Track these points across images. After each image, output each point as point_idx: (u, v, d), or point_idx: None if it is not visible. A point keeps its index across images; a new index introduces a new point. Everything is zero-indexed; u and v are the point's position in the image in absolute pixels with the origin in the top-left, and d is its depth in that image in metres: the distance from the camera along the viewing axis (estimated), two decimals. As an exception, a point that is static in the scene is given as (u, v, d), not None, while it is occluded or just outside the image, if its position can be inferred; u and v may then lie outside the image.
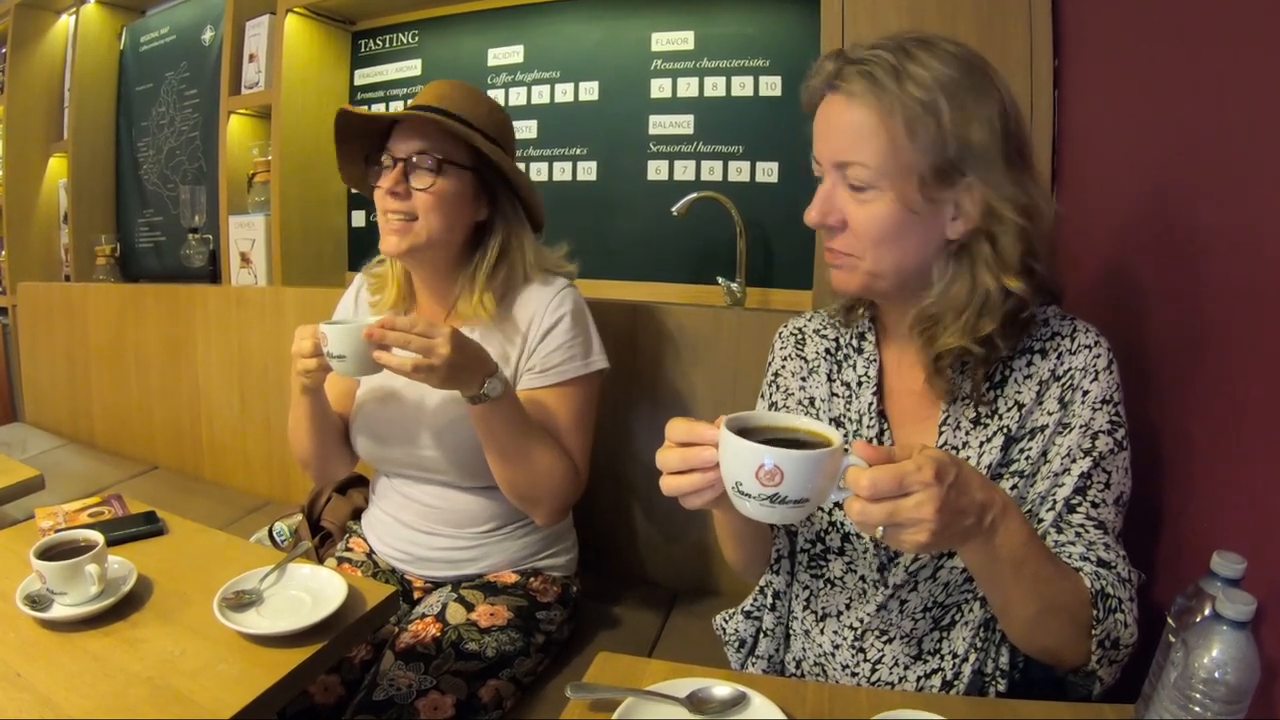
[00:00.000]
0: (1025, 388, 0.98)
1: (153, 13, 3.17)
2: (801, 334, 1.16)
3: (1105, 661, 0.89)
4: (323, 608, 1.04)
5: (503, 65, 2.37)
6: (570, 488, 1.39)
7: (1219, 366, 0.98)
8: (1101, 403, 0.95)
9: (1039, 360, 0.98)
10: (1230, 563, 0.77)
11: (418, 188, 1.33)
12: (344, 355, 1.19)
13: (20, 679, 0.93)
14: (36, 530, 1.32)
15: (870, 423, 1.04)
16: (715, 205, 2.01)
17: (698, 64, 2.12)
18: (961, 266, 0.94)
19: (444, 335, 1.15)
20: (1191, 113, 1.09)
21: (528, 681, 1.39)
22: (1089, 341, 0.97)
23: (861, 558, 1.05)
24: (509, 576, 1.47)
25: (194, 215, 2.75)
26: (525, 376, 1.41)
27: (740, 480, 0.72)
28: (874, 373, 1.06)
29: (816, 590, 1.10)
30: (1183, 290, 1.08)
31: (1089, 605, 0.87)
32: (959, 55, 0.91)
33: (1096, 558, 0.91)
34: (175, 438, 2.66)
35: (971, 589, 1.00)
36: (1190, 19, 1.11)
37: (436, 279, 1.46)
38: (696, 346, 1.77)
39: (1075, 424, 0.95)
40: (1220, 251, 0.99)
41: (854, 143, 0.91)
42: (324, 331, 1.20)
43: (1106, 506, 0.95)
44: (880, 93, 0.89)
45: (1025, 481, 0.97)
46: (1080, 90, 1.51)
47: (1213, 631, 0.72)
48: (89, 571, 1.04)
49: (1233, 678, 0.71)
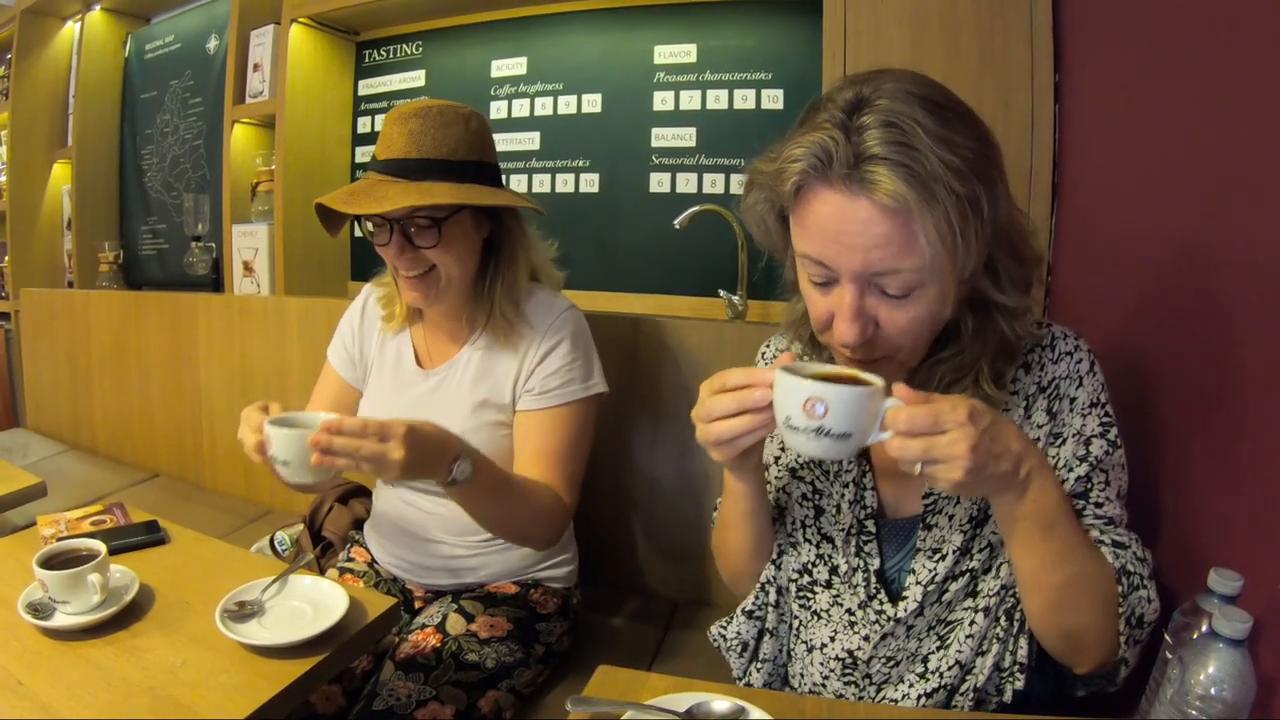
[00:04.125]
0: (1013, 404, 0.97)
1: (158, 21, 3.20)
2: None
3: (1131, 641, 0.87)
4: (324, 619, 1.05)
5: (506, 77, 2.39)
6: (560, 521, 1.37)
7: (1218, 381, 0.99)
8: (1090, 406, 0.94)
9: (1023, 375, 0.97)
10: (1227, 580, 0.78)
11: (424, 246, 1.31)
12: (288, 461, 1.06)
13: (22, 687, 0.93)
14: (38, 537, 1.32)
15: (849, 463, 1.04)
16: (717, 218, 2.02)
17: (700, 76, 2.13)
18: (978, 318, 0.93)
19: (397, 439, 1.05)
20: (1192, 125, 1.10)
21: (527, 692, 1.39)
22: (1069, 348, 0.96)
23: (849, 592, 1.03)
24: (509, 588, 1.47)
25: (197, 223, 2.76)
26: (524, 398, 1.41)
27: (790, 414, 0.77)
28: None
29: (805, 621, 1.09)
30: (1183, 303, 1.08)
31: (1114, 580, 0.86)
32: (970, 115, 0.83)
33: (1111, 539, 0.90)
34: (177, 445, 2.67)
35: (973, 603, 0.99)
36: (1190, 32, 1.12)
37: (454, 303, 1.44)
38: (698, 359, 1.77)
39: (1067, 433, 0.95)
40: (1220, 264, 1.00)
41: (898, 252, 0.80)
42: (269, 434, 1.07)
43: (1111, 503, 0.94)
44: (923, 198, 0.77)
45: None
46: (1081, 104, 1.52)
47: (1209, 648, 0.73)
48: (91, 580, 1.05)
49: (1229, 694, 0.71)
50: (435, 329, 1.50)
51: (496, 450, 1.41)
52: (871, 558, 1.02)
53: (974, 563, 0.98)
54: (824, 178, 0.81)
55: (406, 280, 1.35)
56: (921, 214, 0.77)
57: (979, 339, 0.93)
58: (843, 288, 0.84)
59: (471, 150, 1.33)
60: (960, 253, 0.80)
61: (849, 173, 0.79)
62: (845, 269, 0.83)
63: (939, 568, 0.97)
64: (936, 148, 0.77)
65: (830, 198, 0.81)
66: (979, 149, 0.81)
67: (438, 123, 1.31)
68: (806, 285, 0.91)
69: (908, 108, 0.79)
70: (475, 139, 1.34)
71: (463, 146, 1.32)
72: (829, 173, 0.80)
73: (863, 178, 0.78)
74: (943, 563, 0.97)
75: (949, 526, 0.98)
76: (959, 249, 0.80)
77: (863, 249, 0.81)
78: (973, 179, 0.79)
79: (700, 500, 1.78)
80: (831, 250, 0.83)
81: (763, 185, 0.89)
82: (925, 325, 0.87)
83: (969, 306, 0.92)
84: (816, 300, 0.89)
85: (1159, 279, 1.15)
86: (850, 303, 0.84)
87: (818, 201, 0.83)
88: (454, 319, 1.46)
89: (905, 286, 0.82)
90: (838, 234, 0.82)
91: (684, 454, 1.79)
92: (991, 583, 0.97)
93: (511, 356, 1.42)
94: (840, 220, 0.81)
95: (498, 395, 1.42)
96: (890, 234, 0.79)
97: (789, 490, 1.10)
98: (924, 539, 0.99)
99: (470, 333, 1.45)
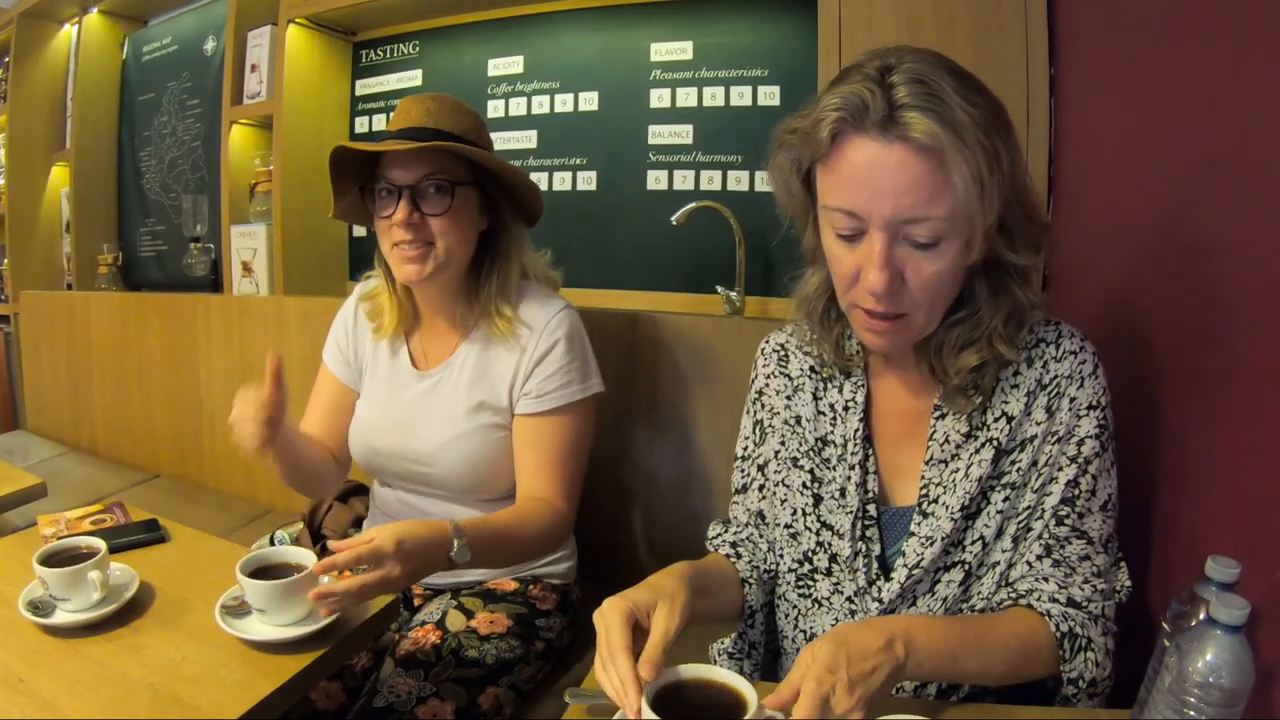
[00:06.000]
0: (1013, 398, 0.97)
1: (155, 23, 3.20)
2: (784, 350, 1.14)
3: (1082, 697, 0.90)
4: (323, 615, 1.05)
5: (503, 75, 2.39)
6: (560, 532, 1.37)
7: (1214, 370, 0.99)
8: (1088, 409, 0.95)
9: (1025, 369, 0.97)
10: (1224, 567, 0.77)
11: (432, 213, 1.31)
12: (265, 609, 1.02)
13: (23, 684, 0.94)
14: (39, 537, 1.33)
15: (854, 449, 1.04)
16: (714, 214, 2.02)
17: (696, 74, 2.13)
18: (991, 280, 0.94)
19: (390, 557, 1.04)
20: (1187, 119, 1.10)
21: (528, 688, 1.39)
22: (1074, 347, 0.97)
23: (849, 579, 1.04)
24: (508, 584, 1.47)
25: (196, 225, 2.76)
26: (522, 401, 1.40)
27: None
28: (861, 398, 1.05)
29: (805, 610, 1.10)
30: (1177, 294, 1.08)
31: (1055, 647, 0.90)
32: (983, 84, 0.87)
33: (1067, 597, 0.92)
34: (177, 446, 2.67)
35: (970, 604, 1.00)
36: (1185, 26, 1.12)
37: (445, 297, 1.44)
38: (696, 356, 1.78)
39: (1063, 432, 0.95)
40: (1215, 255, 1.00)
41: (928, 198, 0.83)
42: (242, 583, 1.02)
43: (1092, 515, 0.95)
44: (955, 142, 0.81)
45: (1016, 493, 0.97)
46: (1076, 97, 1.52)
47: (1207, 636, 0.73)
48: (91, 578, 1.05)
49: (1227, 682, 0.71)
50: (428, 330, 1.49)
51: (494, 453, 1.42)
52: (873, 543, 1.03)
53: (967, 555, 0.98)
54: (859, 126, 0.84)
55: (403, 254, 1.33)
56: (954, 156, 0.81)
57: (992, 302, 0.94)
58: (871, 237, 0.86)
59: (481, 139, 1.38)
60: (984, 203, 0.84)
61: (884, 120, 0.82)
62: (876, 215, 0.85)
63: (926, 553, 0.98)
64: (962, 102, 0.81)
65: (864, 144, 0.84)
66: (996, 108, 0.85)
67: (454, 107, 1.37)
68: (832, 243, 0.92)
69: (932, 70, 0.83)
70: (484, 135, 1.40)
71: (473, 132, 1.37)
72: (864, 121, 0.83)
73: (897, 122, 0.81)
74: (932, 548, 0.98)
75: (944, 515, 0.98)
76: (984, 199, 0.83)
77: (894, 194, 0.83)
78: (994, 133, 0.83)
79: (698, 495, 1.78)
80: (863, 197, 0.85)
81: (790, 145, 0.92)
82: (946, 282, 0.89)
83: (983, 271, 0.93)
84: (842, 257, 0.90)
85: (1155, 268, 1.15)
86: (880, 249, 0.85)
87: (851, 149, 0.85)
88: (446, 315, 1.46)
89: (933, 234, 0.84)
90: (871, 180, 0.84)
91: (682, 449, 1.80)
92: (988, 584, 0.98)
93: (508, 358, 1.41)
94: (874, 166, 0.84)
95: (495, 398, 1.42)
96: (921, 179, 0.82)
97: (789, 482, 1.10)
98: (919, 524, 1.00)
99: (465, 332, 1.45)
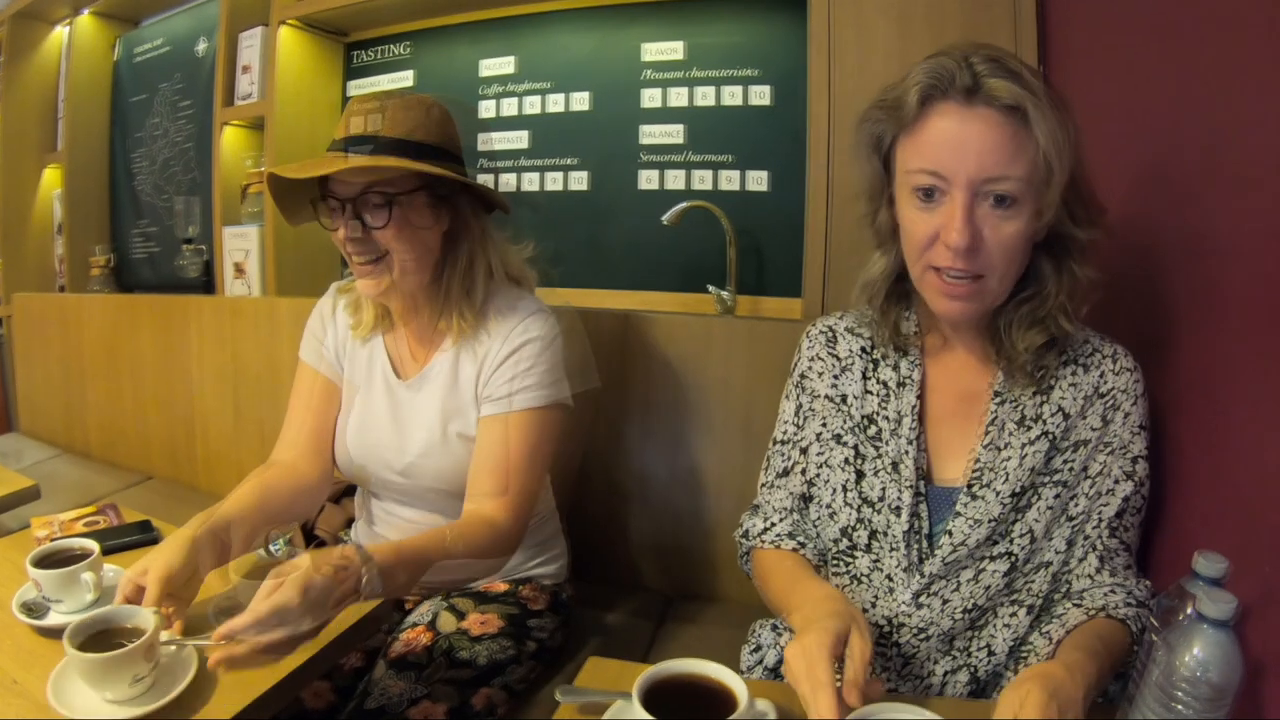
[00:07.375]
0: (1070, 396, 1.02)
1: (147, 24, 3.19)
2: (832, 332, 1.17)
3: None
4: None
5: (495, 76, 2.39)
6: (502, 549, 1.29)
7: (1203, 367, 1.00)
8: (1140, 428, 1.02)
9: (1081, 373, 1.03)
10: (1212, 563, 0.78)
11: (375, 226, 1.25)
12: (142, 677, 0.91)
13: (16, 686, 0.93)
14: (32, 539, 1.32)
15: (912, 424, 1.06)
16: (706, 214, 2.02)
17: (688, 74, 2.13)
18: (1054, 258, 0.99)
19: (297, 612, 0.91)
20: (1176, 116, 1.11)
21: (520, 689, 1.39)
22: (1130, 365, 1.03)
23: (889, 555, 1.06)
24: (499, 585, 1.46)
25: (188, 226, 2.76)
26: (483, 404, 1.36)
27: None
28: (918, 376, 1.08)
29: (843, 587, 1.11)
30: (1168, 291, 1.09)
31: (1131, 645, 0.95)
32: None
33: (1136, 600, 0.98)
34: (170, 448, 2.66)
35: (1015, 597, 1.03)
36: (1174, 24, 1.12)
37: (410, 307, 1.40)
38: (688, 355, 1.78)
39: (1116, 445, 1.01)
40: (1208, 252, 1.01)
41: (1009, 158, 0.90)
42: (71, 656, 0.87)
43: (1134, 530, 1.03)
44: (1035, 102, 0.89)
45: (1066, 491, 1.01)
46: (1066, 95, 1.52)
47: (1194, 631, 0.73)
48: (85, 579, 1.05)
49: (1215, 677, 0.72)
50: (404, 335, 1.45)
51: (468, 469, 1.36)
52: (922, 519, 1.05)
53: (1014, 548, 1.01)
54: (945, 95, 0.93)
55: (358, 268, 1.30)
56: (1035, 114, 0.89)
57: (1055, 279, 0.99)
58: (953, 198, 0.92)
59: (429, 135, 1.29)
60: (1058, 165, 0.90)
61: (968, 88, 0.91)
62: (960, 174, 0.91)
63: (973, 534, 1.01)
64: (1033, 78, 0.91)
65: (950, 109, 0.92)
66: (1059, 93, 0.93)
67: (397, 106, 1.28)
68: (910, 209, 0.98)
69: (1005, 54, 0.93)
70: (435, 126, 1.31)
71: (420, 130, 1.28)
72: (950, 88, 0.92)
73: (980, 89, 0.90)
74: (978, 530, 1.01)
75: (993, 500, 1.01)
76: (1058, 160, 0.90)
77: (977, 153, 0.90)
78: (1060, 107, 0.91)
79: (691, 493, 1.79)
80: (947, 156, 0.92)
81: (875, 120, 1.00)
82: (1019, 247, 0.94)
83: (1045, 249, 0.98)
84: (920, 222, 0.96)
85: (1147, 267, 1.16)
86: (962, 206, 0.91)
87: (936, 115, 0.93)
88: (417, 322, 1.42)
89: (1012, 194, 0.91)
90: (956, 141, 0.92)
91: (674, 448, 1.80)
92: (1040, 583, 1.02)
93: (473, 362, 1.37)
94: (960, 127, 0.91)
95: (464, 405, 1.37)
96: (1003, 141, 0.90)
97: (830, 461, 1.12)
98: (965, 505, 1.02)
99: (439, 339, 1.41)
